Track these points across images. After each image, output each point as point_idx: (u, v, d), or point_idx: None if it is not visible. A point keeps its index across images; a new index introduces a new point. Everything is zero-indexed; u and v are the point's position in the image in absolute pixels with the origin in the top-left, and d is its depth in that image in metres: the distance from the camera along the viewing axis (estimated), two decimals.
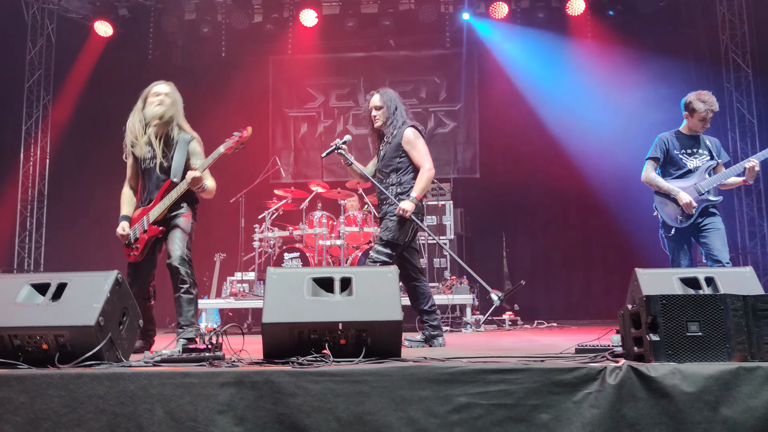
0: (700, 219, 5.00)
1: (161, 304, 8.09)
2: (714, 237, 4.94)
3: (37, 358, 3.08)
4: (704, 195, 4.98)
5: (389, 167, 4.92)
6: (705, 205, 5.00)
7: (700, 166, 5.06)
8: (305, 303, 3.15)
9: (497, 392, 2.73)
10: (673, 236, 5.08)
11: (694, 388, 2.65)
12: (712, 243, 4.92)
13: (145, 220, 4.39)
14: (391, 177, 4.91)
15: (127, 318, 3.39)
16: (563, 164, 9.91)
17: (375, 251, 4.77)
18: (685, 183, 5.05)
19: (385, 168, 4.94)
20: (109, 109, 10.46)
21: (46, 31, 10.34)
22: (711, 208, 5.03)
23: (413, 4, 10.19)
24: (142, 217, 4.42)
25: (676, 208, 5.04)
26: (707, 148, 5.12)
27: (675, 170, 5.12)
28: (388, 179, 4.92)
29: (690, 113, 5.10)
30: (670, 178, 5.13)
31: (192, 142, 4.55)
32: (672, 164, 5.13)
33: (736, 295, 2.89)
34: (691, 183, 5.04)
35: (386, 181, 4.92)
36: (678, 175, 5.10)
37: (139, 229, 4.40)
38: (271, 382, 2.75)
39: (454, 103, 10.94)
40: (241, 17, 10.09)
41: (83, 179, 10.36)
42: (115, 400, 2.74)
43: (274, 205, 8.61)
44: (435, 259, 8.75)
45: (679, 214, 5.01)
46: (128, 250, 4.43)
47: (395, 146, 4.89)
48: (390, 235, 4.77)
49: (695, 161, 5.09)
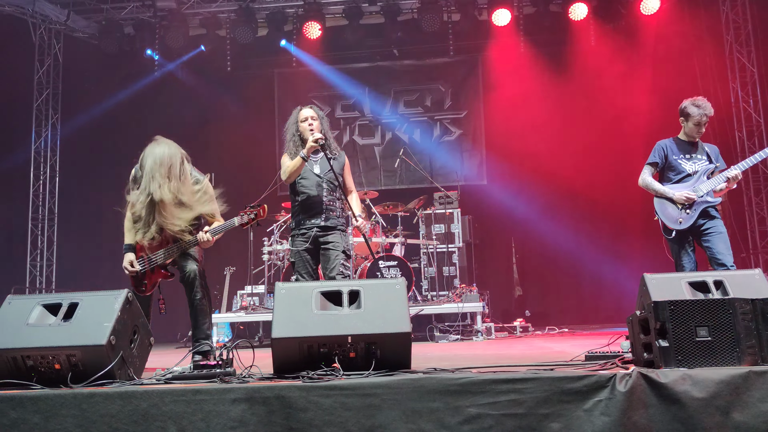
0: (701, 221, 4.97)
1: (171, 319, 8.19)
2: (717, 240, 4.91)
3: (50, 378, 3.11)
4: (703, 197, 4.97)
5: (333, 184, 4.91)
6: (704, 207, 4.97)
7: (698, 170, 5.06)
8: (314, 317, 3.17)
9: (507, 402, 2.73)
10: (674, 239, 5.05)
11: (705, 393, 2.65)
12: (715, 247, 4.89)
13: (152, 259, 4.35)
14: (336, 192, 4.94)
15: (138, 336, 3.42)
16: (571, 169, 9.90)
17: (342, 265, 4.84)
18: (684, 187, 5.05)
19: (333, 181, 4.90)
20: (116, 126, 10.59)
21: (53, 50, 10.46)
22: (711, 210, 5.00)
23: (416, 14, 10.21)
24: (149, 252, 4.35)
25: (675, 209, 5.03)
26: (705, 153, 5.13)
27: (674, 175, 5.13)
28: (335, 193, 4.94)
29: (685, 118, 5.11)
30: (669, 183, 5.13)
31: (204, 181, 4.50)
32: (671, 169, 5.15)
33: (744, 299, 2.88)
34: (690, 186, 5.04)
35: (334, 194, 4.93)
36: (677, 180, 5.11)
37: (146, 266, 4.34)
38: (282, 397, 2.76)
39: (460, 111, 10.96)
40: (245, 32, 10.14)
41: (93, 197, 10.43)
42: (127, 418, 2.77)
43: (282, 218, 8.63)
44: (444, 268, 8.74)
45: (679, 216, 4.99)
46: (139, 286, 4.38)
47: (341, 166, 4.99)
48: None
49: (694, 165, 5.09)
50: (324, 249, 4.81)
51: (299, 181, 4.86)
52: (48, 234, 10.33)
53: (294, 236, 4.90)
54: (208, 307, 4.39)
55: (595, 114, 9.96)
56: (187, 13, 10.25)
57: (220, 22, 10.39)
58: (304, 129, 4.87)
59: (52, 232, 10.37)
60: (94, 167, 10.55)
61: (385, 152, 10.98)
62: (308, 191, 4.84)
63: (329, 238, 4.81)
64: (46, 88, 10.42)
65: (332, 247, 4.79)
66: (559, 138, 10.08)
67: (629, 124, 9.59)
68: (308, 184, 4.85)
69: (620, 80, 9.94)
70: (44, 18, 10.12)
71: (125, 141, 10.26)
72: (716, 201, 5.02)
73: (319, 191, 4.84)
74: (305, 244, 4.78)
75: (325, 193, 4.85)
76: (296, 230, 4.88)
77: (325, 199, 4.84)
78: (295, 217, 4.92)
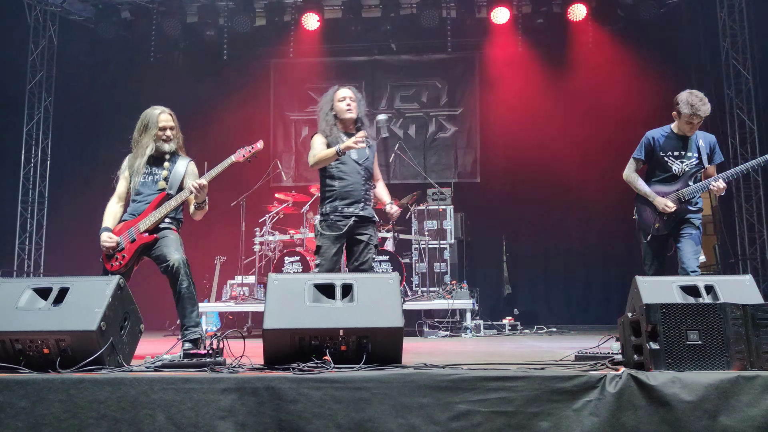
0: (678, 228, 4.84)
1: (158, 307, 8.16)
2: (686, 243, 4.76)
3: (38, 362, 3.08)
4: (684, 204, 4.80)
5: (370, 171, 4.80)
6: (685, 216, 4.82)
7: (686, 171, 4.84)
8: (306, 309, 3.16)
9: (497, 400, 2.74)
10: (649, 242, 4.93)
11: (694, 396, 2.66)
12: (683, 248, 4.76)
13: (133, 230, 4.33)
14: (370, 181, 4.83)
15: (129, 322, 3.40)
16: (564, 169, 9.94)
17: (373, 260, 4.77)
18: (668, 188, 4.87)
19: (370, 169, 4.79)
20: (110, 111, 10.53)
21: (48, 32, 10.35)
22: (691, 217, 4.83)
23: (415, 9, 10.20)
24: (127, 229, 4.35)
25: (653, 213, 4.87)
26: (697, 151, 4.86)
27: (660, 173, 4.92)
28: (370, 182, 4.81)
29: (678, 114, 4.79)
30: (654, 180, 4.95)
31: (190, 164, 4.56)
32: (658, 166, 4.92)
33: (735, 304, 2.90)
34: (674, 189, 4.85)
35: (369, 183, 4.79)
36: (662, 179, 4.91)
37: (125, 240, 4.32)
38: (272, 389, 2.75)
39: (455, 108, 10.96)
40: (243, 20, 10.10)
41: (84, 181, 10.37)
42: (116, 405, 2.75)
43: (275, 209, 8.61)
44: (435, 264, 8.76)
45: (656, 222, 4.86)
46: (110, 260, 4.34)
47: (374, 153, 4.87)
48: None
49: (681, 165, 4.84)
50: (358, 241, 4.65)
51: (337, 165, 4.64)
52: (38, 218, 10.25)
53: (327, 222, 4.63)
54: (195, 294, 4.36)
55: (591, 116, 9.99)
56: (184, 0, 10.19)
57: (218, 11, 10.34)
58: (340, 109, 4.71)
59: (41, 215, 10.29)
60: (85, 152, 10.50)
61: (379, 146, 10.95)
62: (347, 177, 4.64)
63: (365, 230, 4.67)
64: (40, 70, 10.31)
65: (368, 240, 4.66)
66: (553, 138, 10.12)
67: (624, 126, 9.59)
68: (347, 170, 4.64)
69: (616, 82, 9.98)
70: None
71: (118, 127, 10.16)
72: (698, 215, 4.86)
73: (358, 178, 4.66)
74: (338, 232, 4.57)
75: (363, 181, 4.68)
76: (331, 216, 4.62)
77: (363, 187, 4.67)
78: (330, 203, 4.65)
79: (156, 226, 4.35)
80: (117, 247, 4.32)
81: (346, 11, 10.24)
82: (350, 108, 4.71)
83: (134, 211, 4.43)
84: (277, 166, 9.28)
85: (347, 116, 4.70)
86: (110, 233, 4.37)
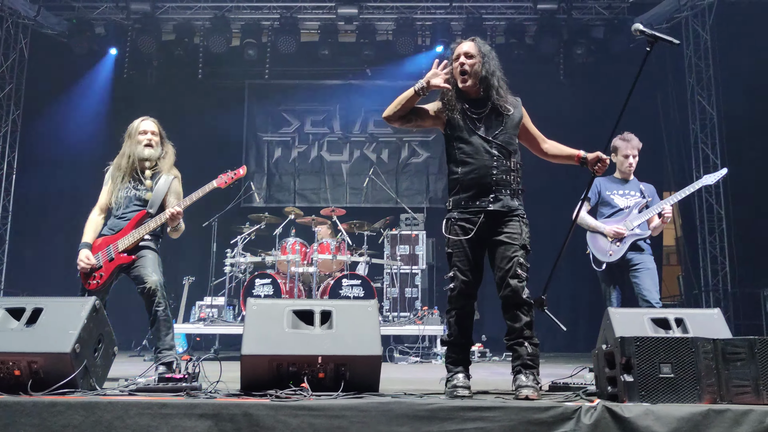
0: (630, 254, 5.10)
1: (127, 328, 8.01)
2: (644, 277, 5.04)
3: (8, 384, 3.02)
4: (633, 230, 5.10)
5: (511, 146, 3.68)
6: (634, 240, 5.11)
7: (630, 205, 5.20)
8: (285, 335, 3.16)
9: (474, 430, 2.76)
10: (604, 271, 5.19)
11: (666, 429, 2.72)
12: (642, 283, 5.02)
13: (111, 248, 4.30)
14: (511, 160, 3.66)
15: (102, 345, 3.35)
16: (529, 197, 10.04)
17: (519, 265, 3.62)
18: (615, 221, 5.18)
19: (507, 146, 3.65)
20: (80, 126, 10.38)
21: (20, 45, 10.22)
22: (641, 243, 5.13)
23: (391, 36, 10.34)
24: (106, 245, 4.32)
25: (606, 242, 5.16)
26: (639, 190, 5.26)
27: (607, 210, 5.26)
28: (508, 161, 3.64)
29: (615, 152, 5.26)
30: (603, 218, 5.27)
31: (174, 181, 4.56)
32: (604, 204, 5.28)
33: (706, 338, 2.98)
34: (621, 220, 5.17)
35: (506, 164, 3.62)
36: (609, 214, 5.24)
37: (103, 257, 4.29)
38: (250, 415, 2.74)
39: (428, 134, 11.07)
40: (219, 41, 10.11)
41: (50, 197, 10.20)
42: (90, 430, 2.70)
43: (247, 230, 8.56)
44: (407, 289, 8.77)
45: (609, 248, 5.12)
46: (88, 278, 4.29)
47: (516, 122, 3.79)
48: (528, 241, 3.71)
49: (626, 200, 5.23)
50: (495, 241, 3.58)
51: (458, 146, 3.60)
52: (0, 232, 10.03)
53: (451, 220, 3.61)
54: (170, 317, 4.33)
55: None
56: (161, 18, 10.17)
57: (194, 30, 10.34)
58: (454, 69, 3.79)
59: (5, 230, 10.06)
60: (53, 166, 10.30)
61: (352, 170, 11.02)
62: (471, 160, 3.55)
63: (502, 227, 3.57)
64: (9, 83, 10.15)
65: (507, 240, 3.55)
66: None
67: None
68: (470, 151, 3.57)
69: (584, 115, 10.19)
70: (12, 11, 9.88)
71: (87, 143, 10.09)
72: (645, 233, 5.13)
73: (486, 161, 3.54)
74: (467, 234, 3.53)
75: (495, 163, 3.55)
76: (455, 213, 3.60)
77: (495, 171, 3.54)
78: (453, 196, 3.63)
79: (135, 246, 4.32)
80: (94, 267, 4.27)
81: (322, 35, 10.32)
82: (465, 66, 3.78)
83: (113, 227, 4.40)
84: (251, 187, 9.23)
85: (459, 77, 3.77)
86: (89, 253, 4.31)
